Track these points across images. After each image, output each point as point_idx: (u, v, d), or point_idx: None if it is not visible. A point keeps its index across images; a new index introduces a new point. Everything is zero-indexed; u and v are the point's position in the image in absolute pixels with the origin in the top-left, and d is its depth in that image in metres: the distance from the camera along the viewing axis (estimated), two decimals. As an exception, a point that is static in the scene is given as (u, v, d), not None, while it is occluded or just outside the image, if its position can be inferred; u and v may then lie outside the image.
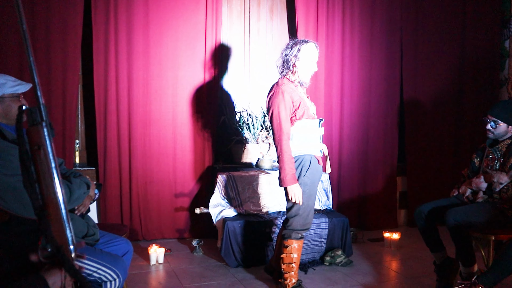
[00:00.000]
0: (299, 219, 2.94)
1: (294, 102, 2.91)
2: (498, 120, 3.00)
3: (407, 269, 3.63)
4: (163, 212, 4.23)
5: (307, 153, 2.94)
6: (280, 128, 2.86)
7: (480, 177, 3.02)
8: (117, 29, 4.01)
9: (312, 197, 2.97)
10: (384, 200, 4.79)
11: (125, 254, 2.40)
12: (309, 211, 2.97)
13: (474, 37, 4.93)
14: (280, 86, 2.93)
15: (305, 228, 2.98)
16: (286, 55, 3.00)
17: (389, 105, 4.76)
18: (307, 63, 2.97)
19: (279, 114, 2.87)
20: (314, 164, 2.96)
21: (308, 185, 2.93)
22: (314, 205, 3.02)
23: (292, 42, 3.04)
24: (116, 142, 4.09)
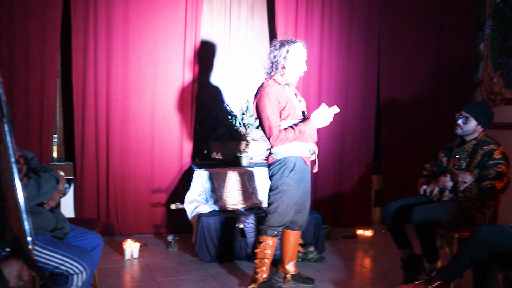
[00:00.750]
0: (276, 216, 3.00)
1: (280, 103, 2.95)
2: (470, 116, 3.10)
3: (377, 265, 3.72)
4: (140, 208, 4.27)
5: (292, 155, 2.97)
6: (271, 129, 2.90)
7: (446, 176, 3.11)
8: (96, 25, 4.03)
9: (293, 197, 3.01)
10: (360, 198, 4.88)
11: (94, 248, 2.43)
12: (288, 210, 3.02)
13: (450, 40, 5.03)
14: (265, 89, 2.95)
15: (282, 225, 3.04)
16: (274, 56, 3.00)
17: (366, 105, 4.84)
18: (297, 63, 2.99)
19: (268, 117, 2.91)
20: (299, 165, 2.99)
21: (290, 185, 2.97)
22: (294, 205, 3.05)
23: (279, 42, 3.04)
24: (94, 138, 4.11)
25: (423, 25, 4.97)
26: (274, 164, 3.00)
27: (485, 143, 3.07)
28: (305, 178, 3.08)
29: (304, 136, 2.93)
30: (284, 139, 2.89)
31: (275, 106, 2.92)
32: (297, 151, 2.99)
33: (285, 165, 2.96)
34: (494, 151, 3.00)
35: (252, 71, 4.83)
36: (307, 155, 3.04)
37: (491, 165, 2.95)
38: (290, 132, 2.90)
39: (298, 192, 3.03)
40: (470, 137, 3.16)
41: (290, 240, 3.19)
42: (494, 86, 4.89)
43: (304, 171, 3.05)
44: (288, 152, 2.97)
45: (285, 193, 2.96)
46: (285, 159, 2.97)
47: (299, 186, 3.02)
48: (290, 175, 2.96)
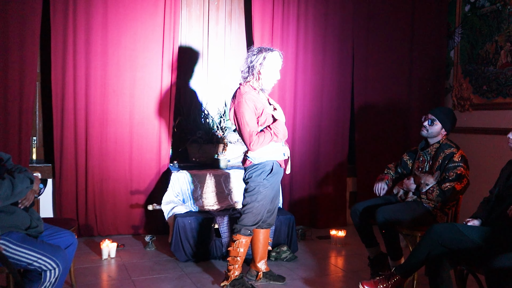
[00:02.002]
0: (251, 216, 3.11)
1: (257, 109, 3.07)
2: (436, 119, 3.25)
3: (348, 264, 3.86)
4: (119, 209, 4.35)
5: (269, 159, 3.11)
6: (251, 135, 3.01)
7: (410, 179, 3.27)
8: (75, 29, 4.11)
9: (267, 198, 3.14)
10: (334, 200, 5.02)
11: (68, 246, 2.52)
12: (262, 210, 3.14)
13: (422, 47, 5.20)
14: (243, 95, 3.05)
15: (255, 224, 3.15)
16: (251, 61, 3.11)
17: (341, 109, 4.98)
18: (272, 71, 3.11)
19: (247, 123, 3.02)
20: (276, 168, 3.14)
21: (266, 187, 3.10)
22: (268, 205, 3.18)
23: (257, 49, 3.16)
24: (73, 140, 4.19)
25: (396, 33, 5.13)
26: (251, 168, 3.12)
27: (446, 147, 3.23)
28: (278, 180, 3.22)
29: (279, 137, 3.06)
30: (262, 142, 3.02)
31: (253, 112, 3.04)
32: (274, 155, 3.12)
33: (263, 169, 3.09)
34: (454, 154, 3.16)
35: (229, 75, 4.95)
36: (281, 159, 3.19)
37: (451, 168, 3.11)
38: (267, 135, 3.03)
39: (272, 193, 3.17)
40: (434, 140, 3.32)
41: (260, 238, 3.31)
42: (464, 92, 5.07)
43: (279, 174, 3.20)
44: (266, 157, 3.10)
45: (261, 194, 3.08)
46: (263, 163, 3.10)
47: (273, 188, 3.16)
48: (267, 178, 3.09)
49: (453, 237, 2.42)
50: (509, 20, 4.56)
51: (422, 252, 2.53)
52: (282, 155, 3.18)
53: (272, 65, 3.10)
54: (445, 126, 3.28)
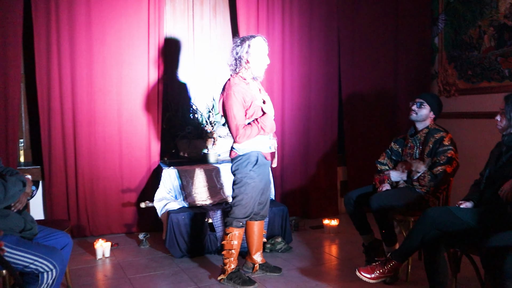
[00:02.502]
0: (241, 208, 3.12)
1: (246, 102, 3.06)
2: (424, 102, 3.29)
3: (343, 252, 3.89)
4: (110, 208, 4.32)
5: (254, 150, 3.11)
6: (237, 129, 3.02)
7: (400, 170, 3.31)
8: (58, 28, 4.06)
9: (256, 189, 3.14)
10: (326, 190, 5.05)
11: (64, 247, 2.50)
12: (252, 202, 3.14)
13: (407, 35, 5.23)
14: (232, 87, 3.04)
15: (246, 217, 3.16)
16: (237, 53, 3.10)
17: (329, 99, 5.00)
18: (259, 56, 3.10)
19: (235, 116, 3.01)
20: (261, 160, 3.14)
21: (254, 179, 3.10)
22: (258, 197, 3.19)
23: (239, 39, 3.16)
24: (61, 141, 4.15)
25: (381, 21, 5.16)
26: (237, 159, 3.13)
27: (436, 131, 3.27)
28: (266, 171, 3.22)
29: (266, 131, 3.06)
30: (249, 135, 3.03)
31: (241, 105, 3.04)
32: (258, 146, 3.12)
33: (248, 160, 3.09)
34: (444, 138, 3.21)
35: (216, 69, 4.93)
36: (267, 151, 3.18)
37: (442, 151, 3.16)
38: (254, 128, 3.03)
39: (260, 185, 3.16)
40: (422, 125, 3.35)
41: (255, 230, 3.32)
42: (449, 78, 5.13)
43: (265, 165, 3.20)
44: (250, 148, 3.10)
45: (249, 186, 3.08)
46: (248, 154, 3.10)
47: (261, 180, 3.16)
48: (253, 169, 3.09)
49: (447, 220, 2.46)
50: (491, 5, 4.61)
51: (417, 237, 2.57)
52: (268, 148, 3.17)
53: (258, 51, 3.09)
54: (433, 108, 3.33)
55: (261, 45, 3.11)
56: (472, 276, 2.99)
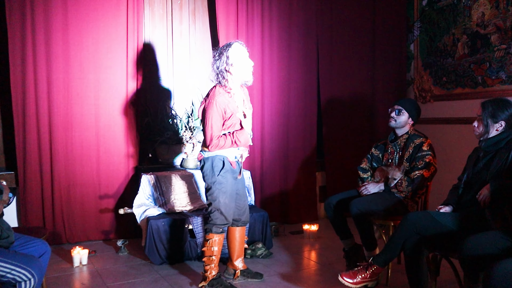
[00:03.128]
0: (217, 214, 3.09)
1: (226, 113, 3.04)
2: (403, 109, 3.35)
3: (323, 258, 3.91)
4: (88, 214, 4.24)
5: (219, 155, 3.08)
6: (212, 139, 2.99)
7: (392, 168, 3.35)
8: (34, 30, 3.97)
9: (228, 194, 3.09)
10: (305, 195, 5.07)
11: (42, 255, 2.44)
12: (229, 208, 3.12)
13: (383, 41, 5.33)
14: (216, 97, 3.02)
15: (226, 223, 3.14)
16: (217, 67, 3.07)
17: (308, 104, 5.04)
18: (240, 63, 3.07)
19: (212, 126, 3.00)
20: (228, 165, 3.11)
21: (223, 184, 3.07)
22: (233, 202, 3.16)
23: (217, 52, 3.12)
24: (37, 146, 4.05)
25: (358, 28, 5.24)
26: (203, 162, 3.12)
27: (415, 137, 3.33)
28: (234, 177, 3.18)
29: (239, 145, 3.09)
30: (222, 146, 3.03)
31: (220, 116, 3.02)
32: (225, 153, 3.10)
33: (214, 164, 3.07)
34: (424, 143, 3.27)
35: (195, 74, 4.91)
36: (232, 160, 3.15)
37: (420, 157, 3.22)
38: (228, 141, 3.04)
39: (231, 189, 3.12)
40: (402, 131, 3.41)
41: (236, 236, 3.30)
42: (425, 84, 5.24)
43: (232, 171, 3.16)
44: (216, 152, 3.08)
45: (220, 191, 3.06)
46: (213, 158, 3.08)
47: (232, 184, 3.12)
48: (221, 174, 3.06)
49: (427, 225, 2.50)
50: (465, 14, 4.73)
51: (398, 241, 2.60)
52: (233, 157, 3.14)
53: (238, 58, 3.06)
54: (411, 115, 3.38)
55: (239, 51, 3.09)
56: (451, 279, 3.05)
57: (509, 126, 2.62)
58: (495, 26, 4.42)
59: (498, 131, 2.64)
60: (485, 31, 4.53)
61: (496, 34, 4.41)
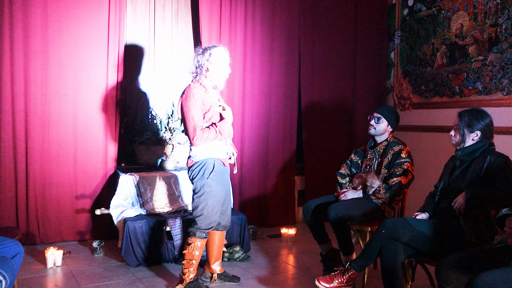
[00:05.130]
0: (204, 219, 3.07)
1: (205, 105, 3.04)
2: (382, 117, 3.39)
3: (300, 261, 3.92)
4: (63, 215, 4.17)
5: (210, 157, 3.08)
6: (195, 130, 2.98)
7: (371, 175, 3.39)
8: (12, 26, 3.90)
9: (217, 198, 3.10)
10: (284, 199, 5.09)
11: (14, 256, 2.38)
12: (215, 212, 3.10)
13: (364, 49, 5.39)
14: (192, 90, 3.04)
15: (210, 227, 3.11)
16: (198, 61, 3.10)
17: (288, 109, 5.06)
18: (220, 65, 3.10)
19: (193, 117, 2.99)
20: (219, 166, 3.10)
21: (212, 187, 3.06)
22: (220, 206, 3.15)
23: (201, 48, 3.16)
24: (12, 143, 3.97)
25: (340, 35, 5.28)
26: (193, 167, 3.10)
27: (394, 144, 3.38)
28: (225, 179, 3.20)
29: (223, 136, 3.06)
30: (206, 138, 3.00)
31: (200, 107, 3.02)
32: (215, 153, 3.10)
33: (204, 167, 3.06)
34: (402, 151, 3.32)
35: (176, 75, 4.88)
36: (224, 157, 3.17)
37: (398, 163, 3.26)
38: (212, 131, 3.02)
39: (221, 193, 3.14)
40: (381, 138, 3.45)
41: (215, 240, 3.29)
42: (404, 92, 5.32)
43: (223, 172, 3.17)
44: (206, 154, 3.08)
45: (208, 194, 3.05)
46: (204, 161, 3.07)
47: (222, 188, 3.13)
48: (210, 177, 3.05)
49: (404, 231, 2.53)
50: (444, 24, 4.83)
51: (375, 247, 2.63)
52: (225, 153, 3.16)
53: (218, 60, 3.10)
54: (390, 122, 3.43)
55: (222, 54, 3.12)
56: (425, 285, 3.09)
57: (484, 136, 2.68)
58: (473, 37, 4.52)
59: (474, 140, 2.69)
60: (463, 42, 4.62)
61: (473, 45, 4.51)
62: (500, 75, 4.25)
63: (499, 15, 4.25)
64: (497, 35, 4.28)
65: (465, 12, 4.60)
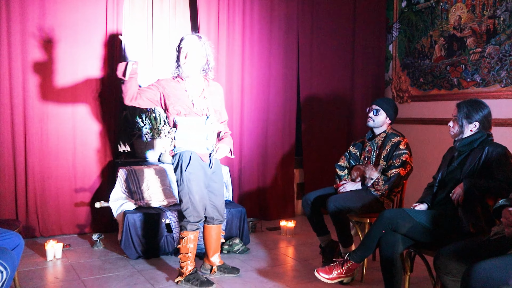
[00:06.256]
0: (190, 212, 3.07)
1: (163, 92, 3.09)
2: (380, 109, 3.39)
3: (299, 254, 3.94)
4: (62, 208, 4.18)
5: (187, 149, 3.07)
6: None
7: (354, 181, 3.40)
8: (9, 19, 3.89)
9: (197, 190, 3.05)
10: (283, 191, 5.10)
11: (15, 248, 2.39)
12: (201, 205, 3.09)
13: (363, 41, 5.39)
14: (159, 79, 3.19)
15: (199, 220, 3.12)
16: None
17: (287, 102, 5.06)
18: (182, 54, 3.10)
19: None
20: (196, 159, 3.07)
21: (191, 180, 3.04)
22: (205, 199, 3.12)
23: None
24: (10, 137, 3.97)
25: (339, 27, 5.28)
26: (173, 158, 3.12)
27: (393, 136, 3.39)
28: (206, 173, 3.15)
29: None
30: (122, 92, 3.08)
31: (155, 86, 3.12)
32: (193, 146, 3.09)
33: (181, 160, 3.07)
34: (401, 142, 3.32)
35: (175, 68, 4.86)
36: (203, 152, 3.13)
37: (397, 155, 3.27)
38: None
39: (201, 186, 3.07)
40: (380, 130, 3.46)
41: (212, 234, 3.30)
42: (402, 84, 5.32)
43: (202, 166, 3.12)
44: (184, 147, 3.08)
45: (189, 188, 3.03)
46: (182, 153, 3.08)
47: (200, 181, 3.07)
48: (188, 169, 3.03)
49: (403, 222, 2.54)
50: (442, 16, 4.82)
51: (373, 238, 2.64)
52: (205, 148, 3.13)
53: (184, 49, 3.08)
54: (389, 115, 3.43)
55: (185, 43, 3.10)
56: (424, 276, 3.11)
57: (482, 127, 2.69)
58: (471, 29, 4.52)
59: (472, 131, 2.70)
60: (461, 34, 4.63)
61: (471, 37, 4.51)
62: (498, 67, 4.26)
63: (497, 7, 4.25)
64: (495, 27, 4.28)
65: (463, 4, 4.59)
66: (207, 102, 3.16)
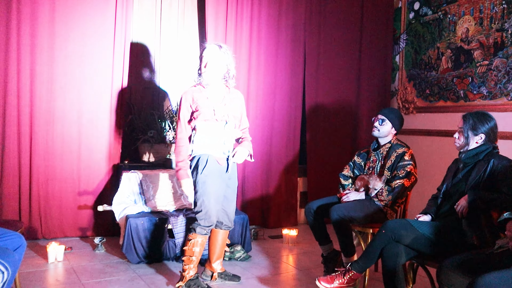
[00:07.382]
0: (203, 216, 3.07)
1: (192, 105, 3.11)
2: (386, 119, 3.38)
3: (301, 263, 3.92)
4: (65, 210, 4.18)
5: (204, 153, 3.09)
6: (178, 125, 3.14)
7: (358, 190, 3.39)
8: (19, 22, 3.92)
9: (213, 194, 3.06)
10: (286, 200, 5.08)
11: (17, 248, 2.39)
12: (215, 210, 3.08)
13: (370, 52, 5.39)
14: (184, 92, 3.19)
15: (211, 225, 3.10)
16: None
17: (292, 110, 5.06)
18: (203, 63, 3.14)
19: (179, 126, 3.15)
20: (212, 163, 3.10)
21: (206, 183, 3.05)
22: (219, 204, 3.13)
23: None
24: (16, 138, 3.99)
25: (345, 37, 5.29)
26: (191, 161, 3.15)
27: (398, 146, 3.37)
28: (222, 177, 3.15)
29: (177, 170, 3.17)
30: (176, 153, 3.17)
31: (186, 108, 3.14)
32: (209, 150, 3.11)
33: (198, 163, 3.09)
34: (406, 153, 3.31)
35: (181, 74, 4.89)
36: (220, 156, 3.15)
37: (401, 166, 3.26)
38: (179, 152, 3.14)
39: (216, 189, 3.07)
40: (385, 140, 3.44)
41: (218, 239, 3.29)
42: (408, 95, 5.31)
43: (218, 170, 3.13)
44: (201, 150, 3.10)
45: (203, 191, 3.05)
46: (198, 156, 3.10)
47: (216, 185, 3.08)
48: (204, 172, 3.05)
49: (406, 232, 2.52)
50: (450, 28, 4.83)
51: (376, 248, 2.62)
52: (221, 153, 3.14)
53: (204, 58, 3.13)
54: (394, 125, 3.42)
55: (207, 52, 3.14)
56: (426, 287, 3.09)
57: (488, 139, 2.68)
58: (478, 42, 4.51)
59: (478, 143, 2.69)
60: (468, 47, 4.62)
61: (479, 50, 4.51)
62: (505, 80, 4.25)
63: (505, 20, 4.25)
64: (502, 40, 4.28)
65: (471, 17, 4.60)
66: (227, 109, 3.18)
